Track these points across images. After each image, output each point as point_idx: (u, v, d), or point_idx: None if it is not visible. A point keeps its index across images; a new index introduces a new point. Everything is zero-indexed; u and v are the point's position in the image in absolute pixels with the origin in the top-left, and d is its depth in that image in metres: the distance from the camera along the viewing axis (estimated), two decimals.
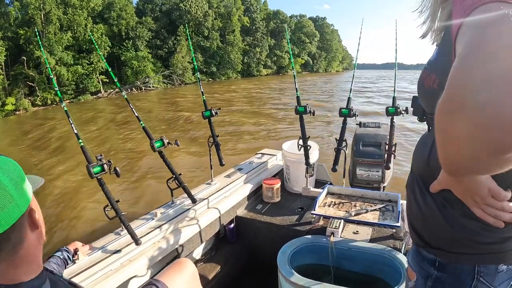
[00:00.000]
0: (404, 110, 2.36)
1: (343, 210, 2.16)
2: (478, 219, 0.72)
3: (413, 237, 0.94)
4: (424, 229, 0.88)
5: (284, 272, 1.71)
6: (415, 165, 0.94)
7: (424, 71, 0.85)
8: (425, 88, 0.82)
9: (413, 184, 0.93)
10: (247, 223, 2.48)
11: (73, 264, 1.58)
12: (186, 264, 1.49)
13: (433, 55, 0.84)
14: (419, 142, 0.97)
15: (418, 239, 0.90)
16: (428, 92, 0.81)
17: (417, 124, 9.47)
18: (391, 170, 2.59)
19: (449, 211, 0.80)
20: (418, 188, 0.89)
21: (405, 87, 21.26)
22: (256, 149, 3.81)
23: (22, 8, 25.14)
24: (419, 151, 0.93)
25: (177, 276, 1.42)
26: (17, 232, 0.67)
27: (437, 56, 0.82)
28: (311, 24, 68.63)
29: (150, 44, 37.58)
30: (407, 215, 0.99)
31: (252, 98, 21.89)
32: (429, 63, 0.84)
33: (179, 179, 2.13)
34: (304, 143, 2.49)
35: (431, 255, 0.86)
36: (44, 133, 13.05)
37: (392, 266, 1.80)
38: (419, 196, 0.88)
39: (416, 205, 0.89)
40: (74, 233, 4.37)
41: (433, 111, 0.83)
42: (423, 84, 0.83)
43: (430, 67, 0.82)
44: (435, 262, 0.85)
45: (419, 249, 0.91)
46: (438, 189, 0.77)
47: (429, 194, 0.83)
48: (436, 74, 0.78)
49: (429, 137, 0.88)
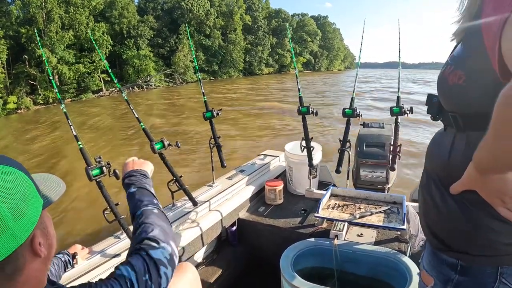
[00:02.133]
0: (409, 110, 2.32)
1: (347, 212, 2.13)
2: (503, 219, 0.71)
3: (431, 241, 0.91)
4: (446, 232, 0.86)
5: (287, 276, 1.68)
6: (432, 166, 0.92)
7: (446, 68, 0.83)
8: (449, 85, 0.81)
9: (429, 185, 0.91)
10: (249, 226, 2.45)
11: (72, 268, 1.55)
12: (187, 268, 1.46)
13: (456, 52, 0.83)
14: (434, 141, 0.96)
15: (438, 242, 0.87)
16: (453, 89, 0.80)
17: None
18: (395, 171, 2.55)
19: (473, 212, 0.78)
20: (436, 190, 0.87)
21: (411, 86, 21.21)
22: (258, 150, 3.77)
23: (23, 7, 25.17)
24: (435, 151, 0.92)
25: (179, 280, 1.39)
26: (13, 263, 0.60)
27: (462, 52, 0.80)
28: (313, 22, 68.65)
29: (152, 43, 37.65)
30: (423, 219, 0.96)
31: (253, 97, 21.84)
32: (452, 59, 0.83)
33: (179, 181, 2.10)
34: (307, 144, 2.45)
35: (452, 259, 0.83)
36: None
37: (397, 269, 1.76)
38: (438, 198, 0.86)
39: (435, 208, 0.87)
40: (73, 236, 4.34)
41: (455, 109, 0.83)
42: (446, 80, 0.82)
43: (455, 63, 0.81)
44: (456, 265, 0.83)
45: (438, 253, 0.88)
46: (460, 190, 0.76)
47: (450, 196, 0.81)
48: (462, 70, 0.77)
49: (447, 136, 0.87)
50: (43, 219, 0.67)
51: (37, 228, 0.64)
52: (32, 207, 0.63)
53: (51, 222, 0.72)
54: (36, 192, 0.66)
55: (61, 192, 0.74)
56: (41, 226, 0.66)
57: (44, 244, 0.66)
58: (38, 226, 0.64)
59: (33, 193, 0.65)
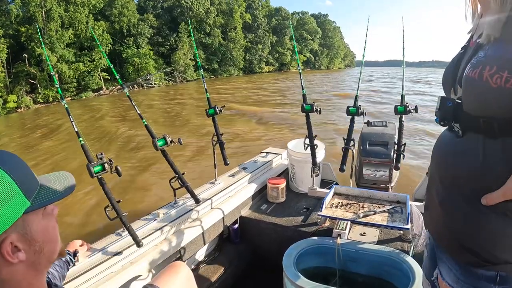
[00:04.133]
0: (414, 109, 2.30)
1: (350, 211, 2.11)
2: None
3: (465, 258, 0.85)
4: (484, 246, 0.80)
5: (289, 275, 1.67)
6: (455, 176, 0.86)
7: (482, 67, 0.76)
8: (491, 88, 0.73)
9: (453, 199, 0.86)
10: (252, 224, 2.44)
11: (73, 266, 1.54)
12: (181, 267, 1.46)
13: (495, 50, 0.76)
14: (450, 149, 0.89)
15: (475, 257, 0.82)
16: (498, 92, 0.73)
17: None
18: (398, 171, 2.53)
19: None
20: (466, 203, 0.82)
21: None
22: (261, 147, 3.75)
23: (23, 6, 25.05)
24: (460, 161, 0.85)
25: (173, 279, 1.39)
26: None
27: (505, 51, 0.74)
28: (313, 21, 68.61)
29: (152, 41, 37.57)
30: (449, 236, 0.90)
31: (255, 95, 21.78)
32: (491, 58, 0.76)
33: (182, 179, 2.09)
34: (311, 142, 2.44)
35: (491, 272, 0.80)
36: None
37: (400, 269, 1.76)
38: (471, 211, 0.81)
39: (467, 222, 0.82)
40: (74, 233, 4.33)
41: (494, 113, 0.76)
42: (486, 83, 0.74)
43: (497, 63, 0.73)
44: (495, 277, 0.80)
45: (473, 269, 0.83)
46: (499, 201, 0.73)
47: (486, 208, 0.77)
48: (509, 72, 0.70)
49: (470, 143, 0.82)
50: (27, 222, 0.64)
51: (11, 232, 0.61)
52: (4, 210, 0.59)
53: (49, 227, 0.69)
54: (18, 194, 0.62)
55: (61, 195, 0.70)
56: (22, 230, 0.63)
57: (26, 249, 0.64)
58: (13, 230, 0.61)
59: (11, 195, 0.60)
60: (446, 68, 0.98)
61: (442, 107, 0.90)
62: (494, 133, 0.76)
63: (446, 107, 0.88)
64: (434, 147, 1.00)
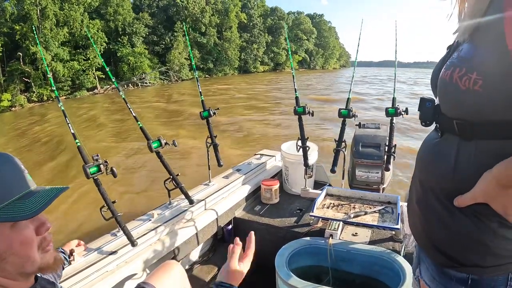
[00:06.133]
0: (404, 111, 2.34)
1: (342, 212, 2.14)
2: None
3: (436, 258, 0.86)
4: (455, 248, 0.81)
5: (282, 275, 1.69)
6: (430, 177, 0.86)
7: (453, 69, 0.75)
8: (461, 90, 0.73)
9: (427, 199, 0.86)
10: (245, 225, 2.46)
11: (69, 265, 1.56)
12: (174, 266, 1.48)
13: (466, 52, 0.76)
14: (430, 150, 0.89)
15: (447, 259, 0.82)
16: (467, 95, 0.72)
17: None
18: (390, 172, 2.57)
19: (486, 224, 0.75)
20: (439, 204, 0.82)
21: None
22: (255, 149, 3.78)
23: (18, 4, 24.92)
24: (434, 162, 0.85)
25: (166, 277, 1.41)
26: None
27: (475, 53, 0.73)
28: (308, 21, 68.67)
29: (147, 40, 37.48)
30: (423, 236, 0.90)
31: (251, 96, 21.76)
32: (461, 60, 0.75)
33: (176, 180, 2.11)
34: (303, 144, 2.47)
35: (462, 274, 0.80)
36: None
37: (391, 268, 1.78)
38: (443, 212, 0.81)
39: (441, 224, 0.82)
40: (69, 233, 4.32)
41: (465, 116, 0.75)
42: (455, 85, 0.74)
43: (466, 65, 0.73)
44: (467, 280, 0.80)
45: (445, 269, 0.84)
46: (469, 203, 0.73)
47: (458, 210, 0.77)
48: (478, 74, 0.69)
49: (447, 145, 0.81)
50: None
51: None
52: None
53: (14, 241, 0.68)
54: None
55: (27, 216, 0.67)
56: None
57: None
58: None
59: None
60: (433, 69, 0.96)
61: (422, 108, 0.90)
62: (467, 135, 0.76)
63: (425, 108, 0.89)
64: (420, 147, 1.00)
